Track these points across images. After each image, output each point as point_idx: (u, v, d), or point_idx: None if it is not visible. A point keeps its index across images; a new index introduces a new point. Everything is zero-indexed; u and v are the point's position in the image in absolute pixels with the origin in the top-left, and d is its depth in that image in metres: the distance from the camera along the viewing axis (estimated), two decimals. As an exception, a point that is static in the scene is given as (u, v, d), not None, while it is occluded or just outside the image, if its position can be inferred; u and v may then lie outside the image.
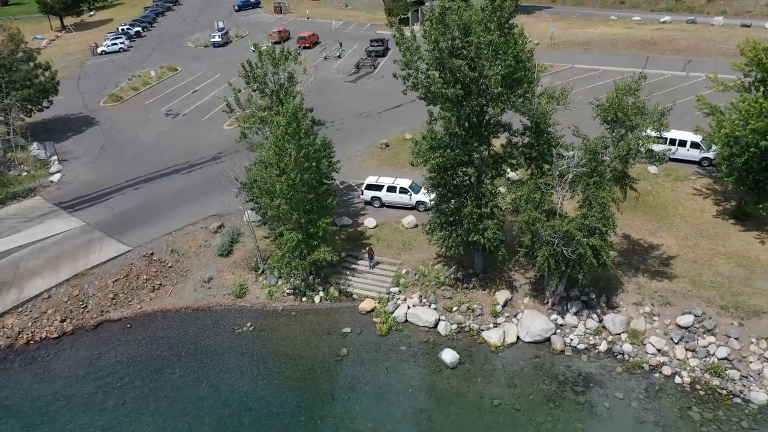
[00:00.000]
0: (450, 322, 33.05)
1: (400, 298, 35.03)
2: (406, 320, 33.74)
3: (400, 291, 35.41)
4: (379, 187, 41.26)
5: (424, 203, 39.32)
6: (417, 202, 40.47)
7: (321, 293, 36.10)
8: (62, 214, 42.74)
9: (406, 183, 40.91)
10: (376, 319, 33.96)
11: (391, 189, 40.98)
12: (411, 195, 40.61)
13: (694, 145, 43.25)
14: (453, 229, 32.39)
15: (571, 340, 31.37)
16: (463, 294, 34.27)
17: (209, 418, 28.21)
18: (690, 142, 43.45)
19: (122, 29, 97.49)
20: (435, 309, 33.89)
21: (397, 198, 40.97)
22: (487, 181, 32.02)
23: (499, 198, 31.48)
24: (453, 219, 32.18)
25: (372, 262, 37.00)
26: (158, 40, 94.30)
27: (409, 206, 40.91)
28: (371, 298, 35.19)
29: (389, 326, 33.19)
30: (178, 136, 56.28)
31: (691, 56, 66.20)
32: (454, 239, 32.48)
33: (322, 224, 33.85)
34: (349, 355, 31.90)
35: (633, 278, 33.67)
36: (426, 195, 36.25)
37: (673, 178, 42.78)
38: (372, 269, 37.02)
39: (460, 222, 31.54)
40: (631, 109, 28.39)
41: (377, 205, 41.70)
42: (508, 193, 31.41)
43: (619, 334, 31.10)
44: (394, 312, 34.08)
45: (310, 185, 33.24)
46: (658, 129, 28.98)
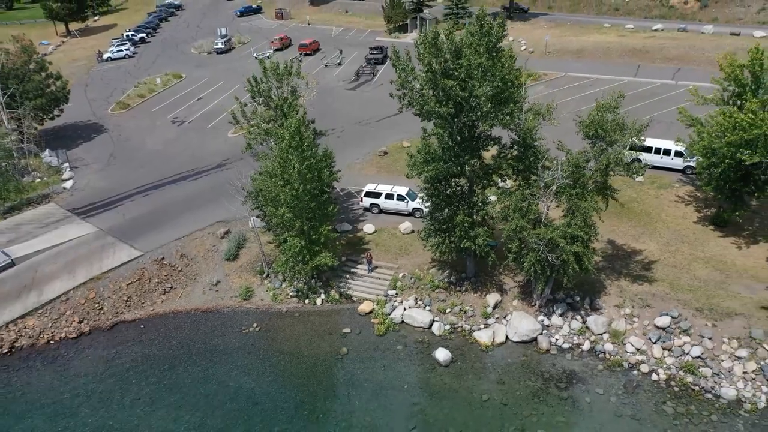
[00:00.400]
0: (443, 323, 35.11)
1: (396, 301, 37.02)
2: (403, 321, 35.72)
3: (396, 293, 37.42)
4: (378, 195, 43.35)
5: (420, 210, 41.42)
6: (413, 209, 42.53)
7: (322, 296, 38.10)
8: (76, 220, 44.78)
9: (403, 191, 42.99)
10: (374, 320, 35.92)
11: (389, 196, 43.06)
12: (408, 202, 42.70)
13: (678, 154, 45.09)
14: (446, 236, 34.36)
15: (557, 340, 33.46)
16: (456, 296, 36.38)
17: (219, 412, 30.28)
18: (674, 151, 45.38)
19: (127, 35, 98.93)
20: (429, 311, 35.96)
21: (394, 205, 43.05)
22: (479, 191, 34.09)
23: (489, 207, 33.59)
24: (446, 226, 34.16)
25: (370, 266, 39.05)
26: (162, 47, 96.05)
27: (406, 213, 42.98)
28: (370, 300, 37.18)
29: (387, 327, 35.20)
30: (184, 143, 58.30)
31: (681, 65, 68.06)
32: (447, 245, 34.48)
33: (324, 231, 35.91)
34: (349, 353, 33.84)
35: (615, 282, 35.78)
36: (422, 203, 38.32)
37: (657, 185, 44.80)
38: (370, 273, 39.03)
39: (453, 229, 33.55)
40: (611, 126, 30.51)
41: (376, 212, 43.79)
42: (498, 203, 33.53)
43: (601, 335, 33.21)
44: (391, 313, 36.09)
45: (312, 194, 35.29)
46: (635, 144, 31.03)
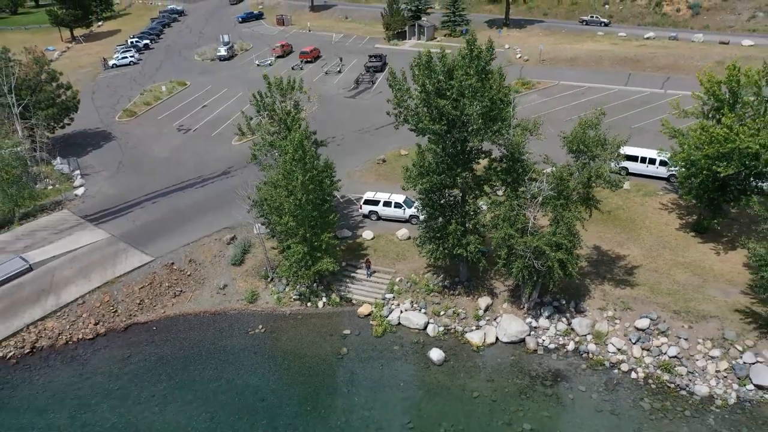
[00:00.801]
0: (438, 325, 37.28)
1: (394, 304, 39.14)
2: (399, 323, 37.84)
3: (394, 297, 39.55)
4: (376, 202, 45.56)
5: (417, 217, 43.56)
6: (410, 216, 44.73)
7: (324, 299, 40.22)
8: (89, 227, 46.87)
9: (401, 198, 45.17)
10: (372, 322, 38.06)
11: (387, 204, 45.25)
12: (405, 209, 44.89)
13: (663, 163, 47.19)
14: (440, 243, 36.52)
15: (543, 341, 35.67)
16: (450, 300, 38.57)
17: (228, 408, 32.45)
18: (659, 160, 47.56)
19: (131, 42, 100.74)
20: (425, 313, 38.12)
21: (392, 212, 45.25)
22: (471, 201, 36.27)
23: (480, 216, 35.81)
24: (440, 234, 36.37)
25: (369, 271, 41.23)
26: (166, 53, 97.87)
27: (403, 219, 45.20)
28: (368, 303, 39.32)
29: (384, 328, 37.34)
30: (190, 151, 60.34)
31: (670, 73, 70.28)
32: (441, 252, 36.67)
33: (325, 238, 38.05)
34: (349, 353, 35.94)
35: (600, 286, 37.99)
36: (419, 212, 40.50)
37: (642, 193, 46.98)
38: (369, 277, 41.23)
39: (446, 237, 35.73)
40: (593, 141, 32.73)
41: (374, 219, 45.98)
42: (488, 212, 35.74)
43: (585, 336, 35.42)
44: (389, 316, 38.24)
45: (314, 204, 37.44)
46: (615, 159, 33.30)
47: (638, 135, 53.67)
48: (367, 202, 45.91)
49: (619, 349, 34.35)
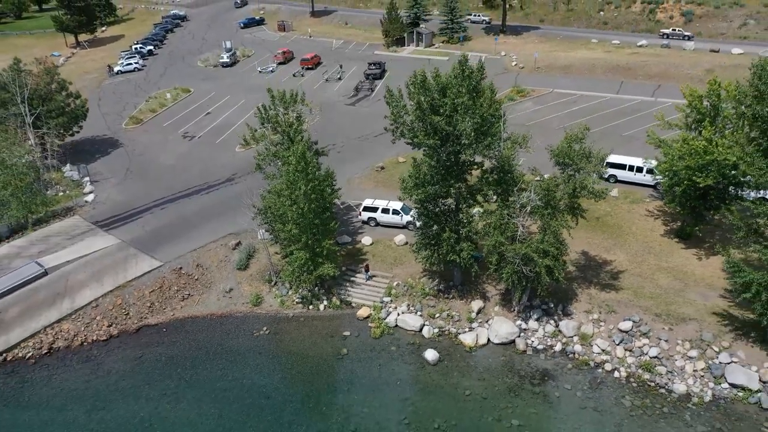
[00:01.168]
0: (432, 327, 39.26)
1: (391, 307, 41.12)
2: (396, 325, 39.81)
3: (391, 300, 41.53)
4: (375, 209, 47.59)
5: (413, 223, 45.56)
6: (407, 222, 46.78)
7: (325, 302, 42.16)
8: (100, 233, 48.84)
9: (398, 205, 47.17)
10: (371, 324, 40.03)
11: (385, 211, 47.28)
12: (402, 216, 46.93)
13: (650, 171, 49.07)
14: (435, 249, 38.55)
15: (532, 342, 37.70)
16: (444, 303, 40.60)
17: (235, 405, 34.50)
18: (646, 168, 49.48)
19: (135, 48, 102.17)
20: (420, 316, 40.13)
21: (390, 219, 47.28)
22: (464, 209, 38.28)
23: (472, 224, 37.83)
24: (435, 241, 38.43)
25: (368, 276, 43.27)
26: (169, 59, 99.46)
27: (401, 226, 47.24)
28: (367, 306, 41.28)
29: (382, 330, 39.33)
30: (195, 157, 62.20)
31: (661, 82, 72.18)
32: (436, 258, 38.71)
33: (326, 245, 40.00)
34: (349, 354, 37.88)
35: (586, 290, 40.01)
36: (415, 219, 42.56)
37: (630, 200, 48.99)
38: (368, 281, 43.26)
39: (441, 244, 37.76)
40: (578, 155, 34.79)
41: (373, 225, 47.99)
42: (480, 221, 37.79)
43: (571, 337, 37.47)
44: (387, 318, 40.22)
45: (316, 212, 39.44)
46: (599, 171, 35.38)
47: (628, 143, 55.69)
48: (366, 209, 47.92)
49: (603, 350, 36.37)
